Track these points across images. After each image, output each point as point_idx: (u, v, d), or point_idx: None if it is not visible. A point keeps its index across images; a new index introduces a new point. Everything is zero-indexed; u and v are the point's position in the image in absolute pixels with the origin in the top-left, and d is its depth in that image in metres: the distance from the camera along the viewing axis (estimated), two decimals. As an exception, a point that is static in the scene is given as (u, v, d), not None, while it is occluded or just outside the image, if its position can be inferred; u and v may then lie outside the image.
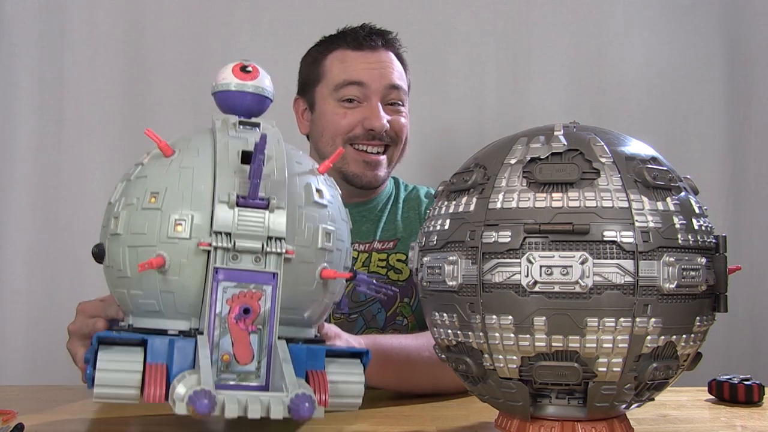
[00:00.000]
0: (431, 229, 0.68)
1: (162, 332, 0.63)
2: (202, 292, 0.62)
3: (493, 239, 0.61)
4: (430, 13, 1.64)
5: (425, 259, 0.68)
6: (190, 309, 0.63)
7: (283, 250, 0.62)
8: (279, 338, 0.63)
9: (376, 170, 1.19)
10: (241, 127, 0.70)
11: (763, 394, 0.93)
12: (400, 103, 1.21)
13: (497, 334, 0.61)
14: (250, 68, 0.73)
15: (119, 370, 0.60)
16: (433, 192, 1.33)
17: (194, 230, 0.62)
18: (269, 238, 0.62)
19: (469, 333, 0.64)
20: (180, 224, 0.62)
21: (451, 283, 0.64)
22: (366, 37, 1.20)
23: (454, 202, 0.67)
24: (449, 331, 0.66)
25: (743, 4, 1.67)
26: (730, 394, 0.93)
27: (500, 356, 0.62)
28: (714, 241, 0.65)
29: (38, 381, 1.49)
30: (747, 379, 0.94)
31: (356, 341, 0.91)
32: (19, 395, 1.00)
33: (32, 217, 1.55)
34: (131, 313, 0.68)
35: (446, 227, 0.66)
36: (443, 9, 1.64)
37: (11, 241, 1.54)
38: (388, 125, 1.17)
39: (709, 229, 0.65)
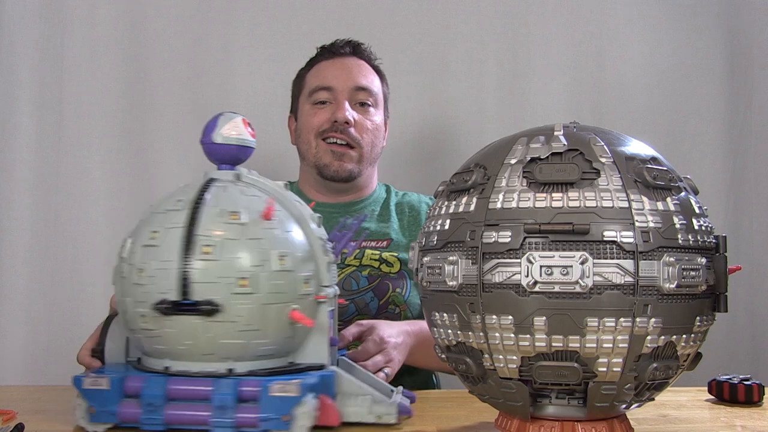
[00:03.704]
0: (431, 229, 0.68)
1: None
2: None
3: (493, 239, 0.61)
4: (430, 13, 1.64)
5: (425, 259, 0.68)
6: None
7: None
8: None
9: (342, 161, 1.28)
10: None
11: (763, 394, 0.93)
12: (369, 103, 1.31)
13: (497, 334, 0.61)
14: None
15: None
16: (427, 199, 1.40)
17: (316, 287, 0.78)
18: None
19: (469, 333, 0.64)
20: (306, 282, 0.76)
21: (451, 283, 0.64)
22: (338, 47, 1.34)
23: (454, 202, 0.67)
24: (449, 331, 0.66)
25: (743, 4, 1.67)
26: (730, 394, 0.93)
27: (500, 356, 0.62)
28: (714, 241, 0.65)
29: (38, 381, 1.49)
30: (747, 379, 0.94)
31: (397, 329, 1.03)
32: (19, 395, 1.00)
33: (32, 217, 1.55)
34: None
35: (446, 227, 0.66)
36: (443, 9, 1.64)
37: (11, 241, 1.54)
38: (352, 119, 1.27)
39: (709, 229, 0.65)
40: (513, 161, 0.64)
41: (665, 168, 0.65)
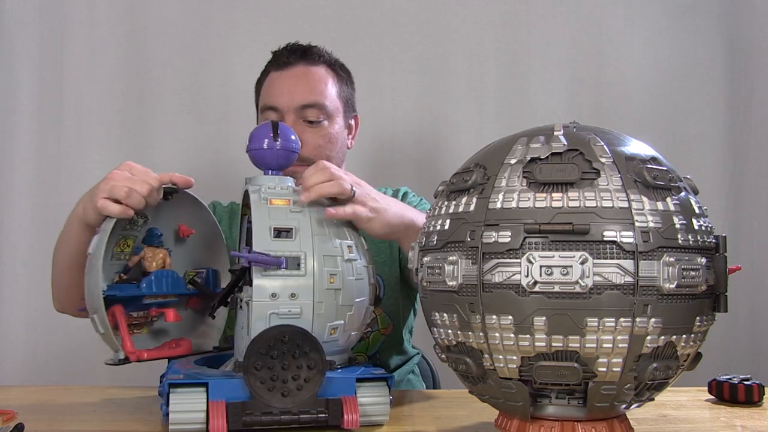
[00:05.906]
0: (431, 229, 0.68)
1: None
2: None
3: (493, 239, 0.61)
4: (430, 13, 1.64)
5: (425, 259, 0.68)
6: None
7: None
8: None
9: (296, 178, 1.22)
10: None
11: (763, 394, 0.93)
12: (319, 120, 1.19)
13: (497, 334, 0.61)
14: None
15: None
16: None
17: None
18: None
19: (469, 333, 0.63)
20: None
21: (451, 283, 0.64)
22: (285, 56, 1.23)
23: (454, 202, 0.67)
24: (449, 331, 0.66)
25: (743, 4, 1.67)
26: (730, 394, 0.93)
27: (500, 356, 0.62)
28: (714, 241, 0.65)
29: (38, 381, 1.49)
30: (747, 379, 0.94)
31: (382, 199, 0.91)
32: (19, 395, 1.00)
33: (32, 217, 1.55)
34: None
35: (446, 227, 0.66)
36: (443, 9, 1.64)
37: (11, 241, 1.54)
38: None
39: (709, 229, 0.65)
40: (513, 161, 0.64)
41: (665, 168, 0.64)
